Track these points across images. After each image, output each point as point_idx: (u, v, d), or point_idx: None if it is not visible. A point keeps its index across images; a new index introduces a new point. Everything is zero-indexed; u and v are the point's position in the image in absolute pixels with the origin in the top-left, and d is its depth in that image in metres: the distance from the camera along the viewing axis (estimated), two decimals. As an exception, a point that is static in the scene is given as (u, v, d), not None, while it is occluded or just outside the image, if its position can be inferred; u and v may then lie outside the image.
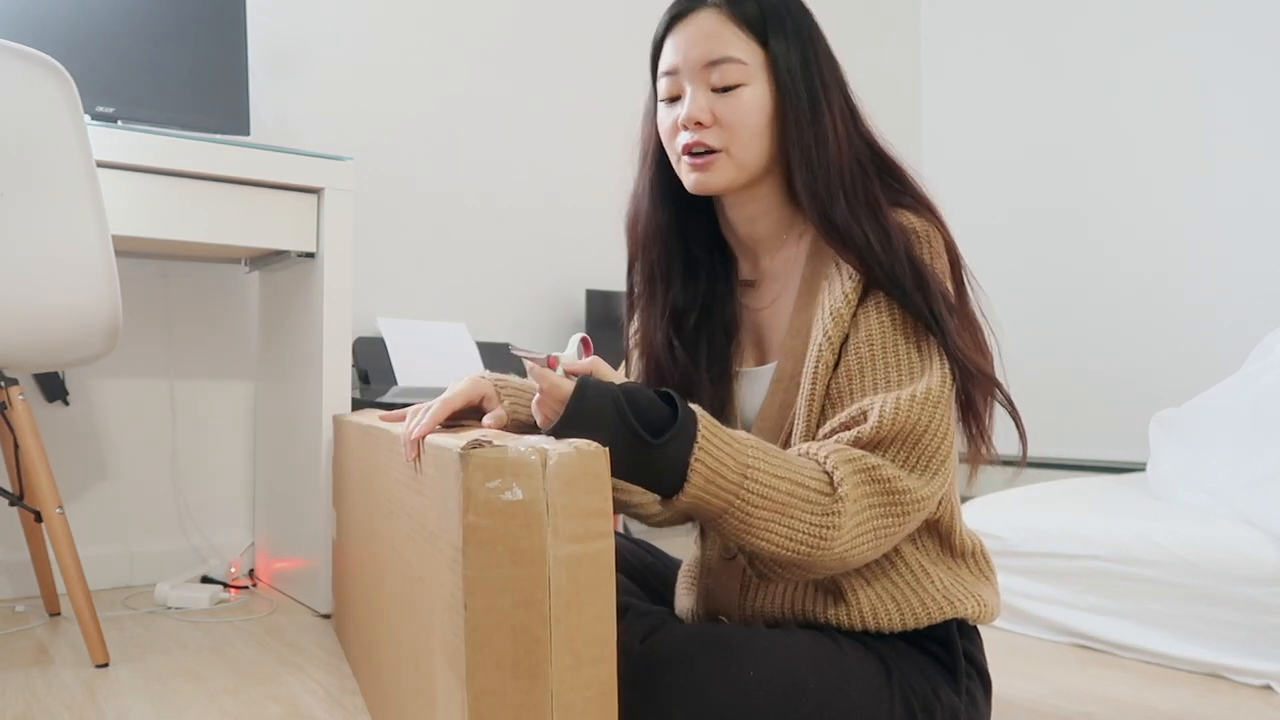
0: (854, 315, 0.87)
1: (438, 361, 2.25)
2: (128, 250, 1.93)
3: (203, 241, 1.73)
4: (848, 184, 0.88)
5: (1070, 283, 3.14)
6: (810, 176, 0.89)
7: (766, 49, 0.90)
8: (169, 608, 1.84)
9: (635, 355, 1.04)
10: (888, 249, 0.85)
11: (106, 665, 1.47)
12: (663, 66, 0.93)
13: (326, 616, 1.79)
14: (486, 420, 0.92)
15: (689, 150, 0.90)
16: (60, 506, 1.52)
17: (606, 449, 0.69)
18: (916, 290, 0.84)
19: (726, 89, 0.89)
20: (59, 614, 1.78)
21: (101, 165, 1.51)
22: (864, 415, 0.82)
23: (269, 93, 2.22)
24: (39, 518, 1.54)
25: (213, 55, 1.96)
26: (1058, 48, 3.23)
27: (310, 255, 1.86)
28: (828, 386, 0.88)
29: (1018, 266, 3.22)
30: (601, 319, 2.57)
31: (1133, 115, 3.03)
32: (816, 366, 0.88)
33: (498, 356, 2.40)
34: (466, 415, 0.94)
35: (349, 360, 1.87)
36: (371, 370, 2.16)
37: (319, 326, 1.82)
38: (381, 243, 2.38)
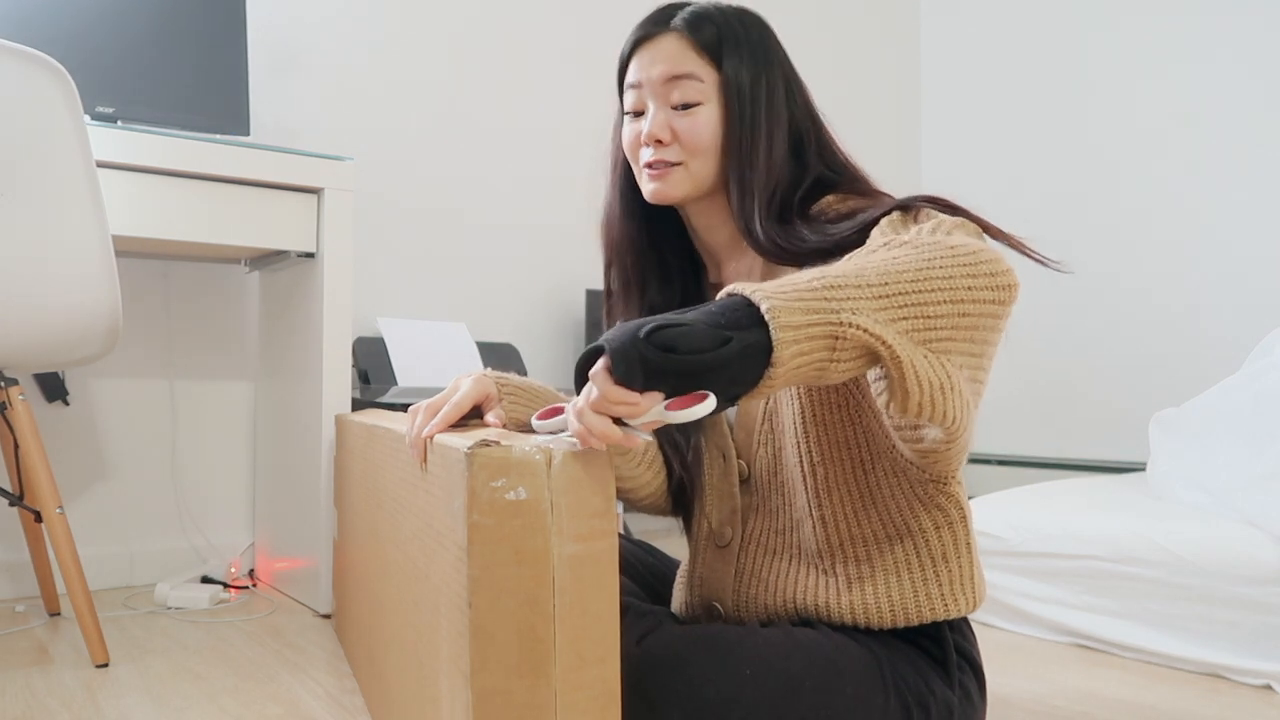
0: None
1: (438, 361, 2.25)
2: (128, 250, 1.93)
3: (203, 241, 1.73)
4: (764, 207, 0.93)
5: (1070, 282, 3.14)
6: (740, 194, 0.94)
7: (721, 72, 0.95)
8: (169, 608, 1.84)
9: None
10: (799, 245, 0.88)
11: (106, 665, 1.47)
12: (627, 82, 1.00)
13: (326, 616, 1.78)
14: (488, 419, 0.92)
15: (649, 165, 0.96)
16: (60, 506, 1.52)
17: (609, 449, 0.69)
18: (852, 232, 0.85)
19: (685, 106, 0.95)
20: (59, 614, 1.77)
21: (101, 165, 1.51)
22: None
23: (269, 93, 2.21)
24: (39, 518, 1.54)
25: (213, 55, 1.96)
26: (1057, 51, 3.24)
27: (310, 255, 1.86)
28: None
29: (1016, 266, 3.22)
30: (601, 319, 2.57)
31: (1131, 116, 3.03)
32: None
33: (498, 356, 2.40)
34: (469, 415, 0.94)
35: (349, 360, 1.87)
36: (371, 370, 2.16)
37: (319, 326, 1.82)
38: (381, 243, 2.38)
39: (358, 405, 1.87)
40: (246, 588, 2.05)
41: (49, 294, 1.45)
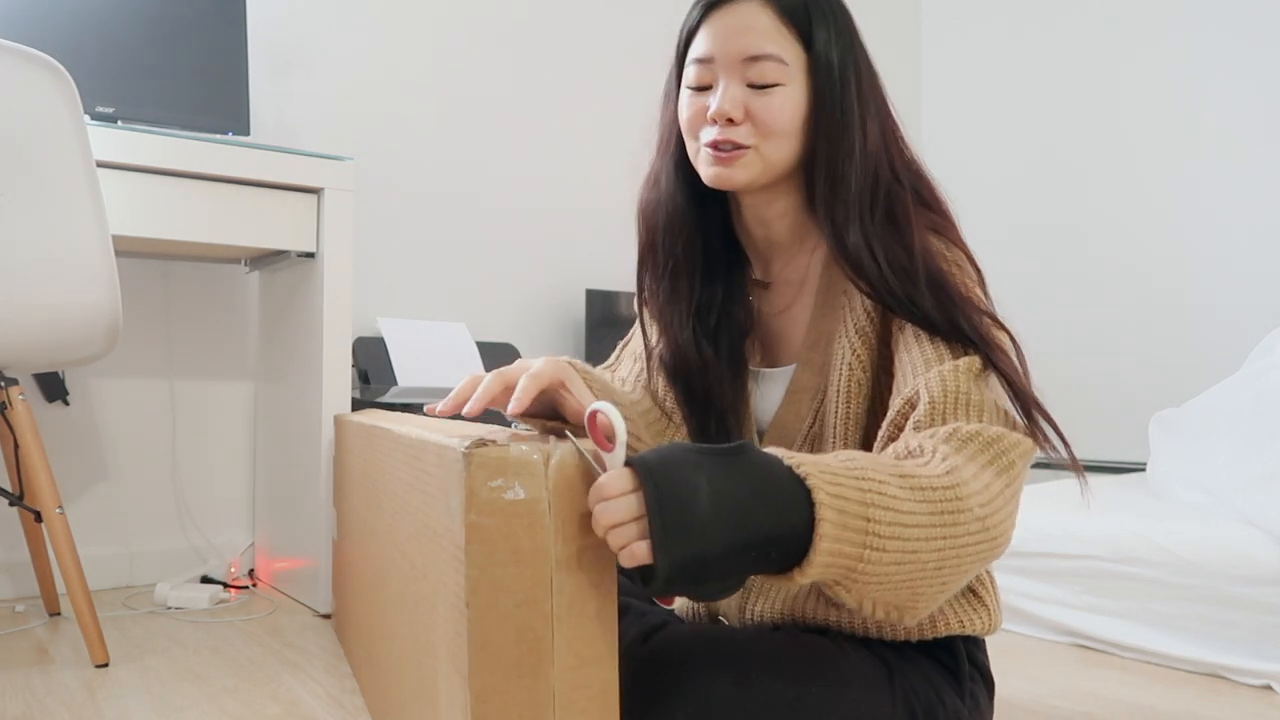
0: (888, 328, 0.86)
1: (438, 361, 2.25)
2: (128, 250, 1.93)
3: (203, 241, 1.73)
4: (867, 204, 0.85)
5: (1070, 283, 3.14)
6: (830, 193, 0.86)
7: (808, 50, 0.86)
8: (169, 608, 1.84)
9: (656, 348, 1.01)
10: (902, 276, 0.82)
11: (106, 665, 1.47)
12: (695, 52, 0.89)
13: (326, 616, 1.78)
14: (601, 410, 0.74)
15: (715, 145, 0.87)
16: (60, 506, 1.52)
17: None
18: (939, 312, 0.81)
19: (762, 86, 0.85)
20: (59, 614, 1.77)
21: (101, 165, 1.51)
22: (915, 398, 0.78)
23: (269, 93, 2.21)
24: (39, 518, 1.54)
25: (213, 55, 1.96)
26: (1057, 53, 3.23)
27: (310, 255, 1.86)
28: (869, 404, 0.87)
29: (1017, 266, 3.23)
30: (601, 319, 2.57)
31: (1132, 116, 3.03)
32: (849, 386, 0.87)
33: (498, 356, 2.40)
34: (540, 412, 0.85)
35: (349, 360, 1.87)
36: (371, 370, 2.16)
37: (319, 326, 1.82)
38: (381, 243, 2.38)
39: (358, 405, 1.87)
40: (246, 588, 2.05)
41: (49, 294, 1.45)
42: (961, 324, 0.80)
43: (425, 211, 2.49)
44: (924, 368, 0.79)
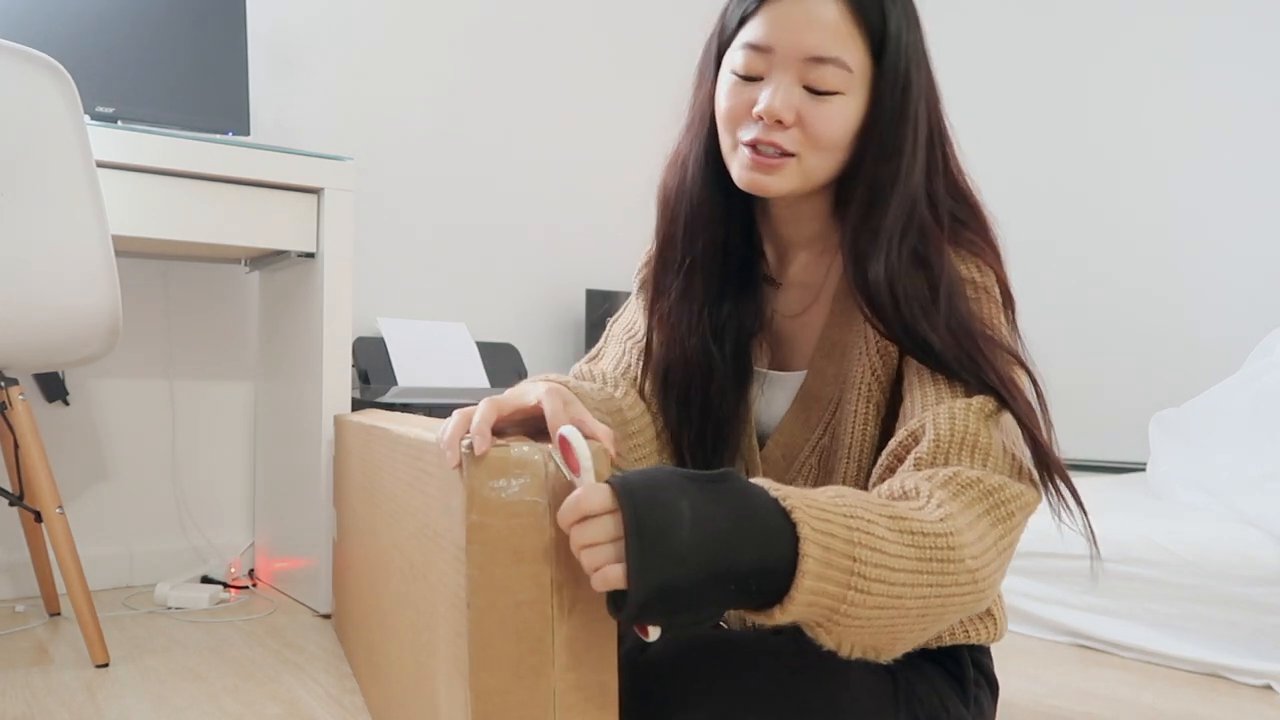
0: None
1: (438, 362, 2.25)
2: (128, 250, 1.93)
3: (203, 241, 1.73)
4: (897, 237, 0.80)
5: (1069, 282, 3.14)
6: (862, 217, 0.81)
7: (875, 59, 0.80)
8: (169, 608, 1.84)
9: (656, 341, 0.95)
10: (920, 318, 0.78)
11: (106, 665, 1.47)
12: (751, 36, 0.80)
13: (326, 616, 1.78)
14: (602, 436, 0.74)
15: (756, 145, 0.80)
16: (60, 506, 1.52)
17: (610, 450, 0.68)
18: (959, 359, 0.77)
19: (820, 92, 0.79)
20: (59, 614, 1.77)
21: (101, 165, 1.51)
22: (920, 432, 0.75)
23: (269, 93, 2.21)
24: (39, 518, 1.54)
25: (213, 55, 1.96)
26: (1056, 54, 3.23)
27: (310, 255, 1.86)
28: (884, 425, 0.84)
29: (1016, 267, 3.22)
30: (601, 319, 2.57)
31: (1130, 116, 3.03)
32: (867, 408, 0.84)
33: (498, 356, 2.40)
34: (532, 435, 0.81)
35: (349, 360, 1.87)
36: (371, 370, 2.16)
37: (319, 326, 1.82)
38: (381, 243, 2.38)
39: (358, 405, 1.87)
40: (246, 588, 2.05)
41: (49, 294, 1.45)
42: (983, 372, 0.77)
43: (425, 211, 2.49)
44: (934, 401, 0.77)
